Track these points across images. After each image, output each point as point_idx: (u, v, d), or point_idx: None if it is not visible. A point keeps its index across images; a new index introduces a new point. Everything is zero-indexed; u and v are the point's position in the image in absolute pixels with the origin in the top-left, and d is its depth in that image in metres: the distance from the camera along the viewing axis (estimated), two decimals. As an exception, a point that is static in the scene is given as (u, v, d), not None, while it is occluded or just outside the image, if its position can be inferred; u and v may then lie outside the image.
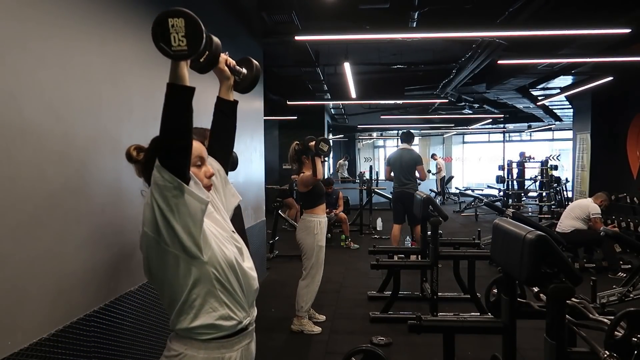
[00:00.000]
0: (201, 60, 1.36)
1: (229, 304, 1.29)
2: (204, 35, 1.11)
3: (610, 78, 6.70)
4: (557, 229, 5.68)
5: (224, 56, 1.46)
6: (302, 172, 3.75)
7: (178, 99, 1.14)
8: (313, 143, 3.59)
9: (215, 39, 1.36)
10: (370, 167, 10.30)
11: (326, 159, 3.56)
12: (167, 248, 1.19)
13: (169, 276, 1.24)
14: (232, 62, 1.51)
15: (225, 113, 1.55)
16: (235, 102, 1.57)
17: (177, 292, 1.25)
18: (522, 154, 12.20)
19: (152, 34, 1.07)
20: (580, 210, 5.54)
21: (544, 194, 10.19)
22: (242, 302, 1.33)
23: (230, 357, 1.30)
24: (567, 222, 5.57)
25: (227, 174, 1.56)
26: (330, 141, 3.70)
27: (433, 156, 15.67)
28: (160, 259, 1.22)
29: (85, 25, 1.94)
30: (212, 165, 1.47)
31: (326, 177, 8.01)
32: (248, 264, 1.40)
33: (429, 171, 15.20)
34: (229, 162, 1.61)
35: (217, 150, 1.53)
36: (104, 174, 2.05)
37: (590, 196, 7.76)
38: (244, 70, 1.56)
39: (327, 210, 4.34)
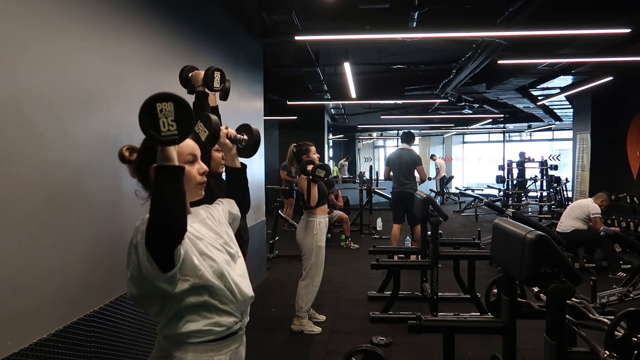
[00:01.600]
0: (203, 140, 1.39)
1: (218, 311, 1.28)
2: (193, 119, 1.08)
3: (610, 78, 6.70)
4: (557, 229, 5.68)
5: (224, 130, 1.51)
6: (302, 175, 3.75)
7: (169, 181, 1.08)
8: (311, 168, 3.57)
9: (214, 117, 1.39)
10: (370, 167, 10.30)
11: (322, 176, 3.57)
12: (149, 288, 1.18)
13: (153, 299, 1.23)
14: (233, 132, 1.56)
15: (236, 180, 1.62)
16: (244, 167, 1.63)
17: (161, 307, 1.24)
18: (522, 154, 12.21)
19: (139, 120, 1.02)
20: (581, 210, 5.54)
21: (544, 193, 10.20)
22: (233, 310, 1.32)
23: None
24: (567, 222, 5.57)
25: (242, 215, 1.62)
26: (328, 167, 3.71)
27: (432, 157, 15.66)
28: (144, 290, 1.20)
29: (86, 26, 1.94)
30: (233, 207, 1.56)
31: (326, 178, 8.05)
32: (240, 272, 1.38)
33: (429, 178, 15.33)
34: (245, 215, 1.68)
35: (237, 207, 1.60)
36: (104, 174, 2.05)
37: (590, 196, 7.78)
38: (245, 137, 1.60)
39: (328, 210, 4.34)
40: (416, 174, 5.87)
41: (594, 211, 5.44)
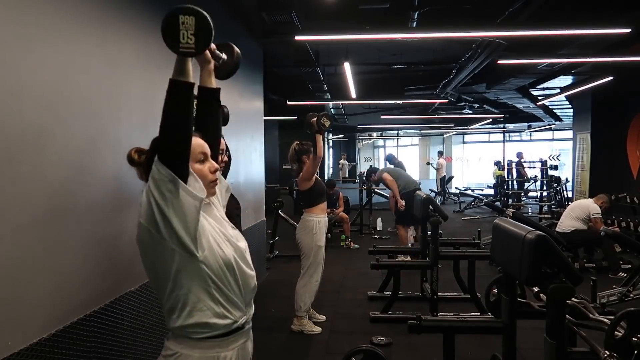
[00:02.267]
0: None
1: (224, 303, 1.29)
2: (213, 35, 1.13)
3: (610, 78, 6.70)
4: (557, 229, 5.68)
5: None
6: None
7: (180, 94, 1.16)
8: (315, 119, 3.51)
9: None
10: (370, 167, 10.30)
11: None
12: (164, 242, 1.19)
13: (164, 271, 1.24)
14: (213, 45, 1.43)
15: (210, 101, 1.47)
16: (218, 89, 1.49)
17: (171, 288, 1.25)
18: (519, 154, 12.22)
19: (161, 28, 1.09)
20: (581, 210, 5.54)
21: (544, 194, 10.20)
22: (238, 300, 1.32)
23: (226, 356, 1.30)
24: (568, 222, 5.57)
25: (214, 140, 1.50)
26: (330, 116, 3.60)
27: (440, 153, 15.75)
28: (156, 252, 1.22)
29: (86, 26, 1.94)
30: (228, 190, 1.53)
31: (327, 179, 8.02)
32: (246, 262, 1.39)
33: (428, 163, 15.49)
34: (218, 148, 1.53)
35: (206, 140, 1.43)
36: (104, 174, 2.05)
37: (590, 196, 7.78)
38: (224, 56, 1.50)
39: (328, 210, 4.33)
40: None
41: (595, 211, 5.44)
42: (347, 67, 6.21)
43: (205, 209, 1.36)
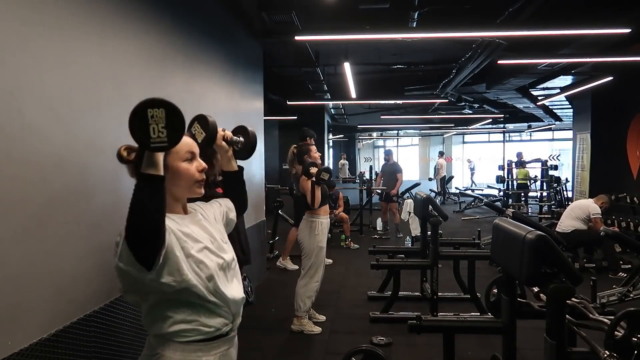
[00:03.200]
0: (199, 142, 1.38)
1: (208, 314, 1.28)
2: (185, 126, 1.08)
3: (610, 78, 6.70)
4: (557, 229, 5.68)
5: (220, 132, 1.48)
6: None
7: (151, 189, 1.10)
8: (314, 170, 3.55)
9: (211, 119, 1.37)
10: (370, 167, 10.29)
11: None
12: (144, 279, 1.17)
13: (144, 294, 1.23)
14: (229, 134, 1.53)
15: (234, 183, 1.60)
16: (241, 170, 1.60)
17: (152, 305, 1.24)
18: (519, 154, 12.21)
19: (129, 124, 1.02)
20: (581, 210, 5.54)
21: (544, 194, 10.19)
22: (223, 312, 1.31)
23: None
24: (568, 222, 5.57)
25: (237, 216, 1.61)
26: (331, 169, 3.68)
27: (440, 153, 15.78)
28: (136, 283, 1.20)
29: (86, 26, 1.94)
30: (231, 212, 1.55)
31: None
32: (232, 273, 1.38)
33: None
34: (243, 212, 1.67)
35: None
36: (104, 174, 2.05)
37: (590, 196, 7.78)
38: (241, 139, 1.57)
39: (330, 212, 4.34)
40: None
41: (595, 211, 5.44)
42: (347, 67, 6.21)
43: (191, 219, 1.36)
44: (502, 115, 12.17)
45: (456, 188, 15.45)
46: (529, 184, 11.26)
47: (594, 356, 1.83)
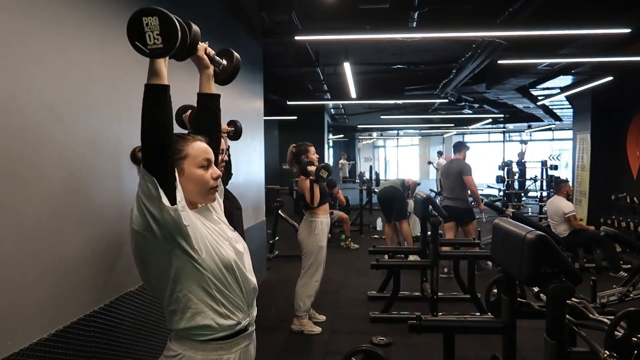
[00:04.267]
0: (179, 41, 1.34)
1: (225, 304, 1.29)
2: (179, 32, 1.11)
3: (610, 78, 6.69)
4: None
5: (202, 45, 1.42)
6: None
7: (157, 98, 1.15)
8: (313, 168, 3.55)
9: (195, 27, 1.32)
10: (370, 167, 10.29)
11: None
12: (160, 245, 1.18)
13: (163, 274, 1.23)
14: (212, 51, 1.47)
15: (210, 108, 1.51)
16: (218, 96, 1.53)
17: (171, 291, 1.25)
18: (520, 154, 12.21)
19: (127, 33, 1.07)
20: (556, 215, 5.53)
21: (544, 194, 10.19)
22: (240, 302, 1.33)
23: (229, 359, 1.30)
24: (560, 228, 5.56)
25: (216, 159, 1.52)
26: (330, 167, 3.65)
27: (440, 153, 15.75)
28: (154, 256, 1.21)
29: (86, 25, 1.94)
30: (221, 195, 1.51)
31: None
32: (246, 264, 1.39)
33: (430, 162, 15.63)
34: (219, 151, 1.56)
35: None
36: (104, 173, 2.05)
37: (590, 197, 7.79)
38: (224, 61, 1.52)
39: (330, 212, 4.34)
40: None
41: (567, 209, 5.42)
42: (347, 67, 6.21)
43: (203, 212, 1.37)
44: (502, 115, 12.17)
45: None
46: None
47: (594, 356, 1.83)
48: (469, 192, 5.48)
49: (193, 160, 1.30)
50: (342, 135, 17.15)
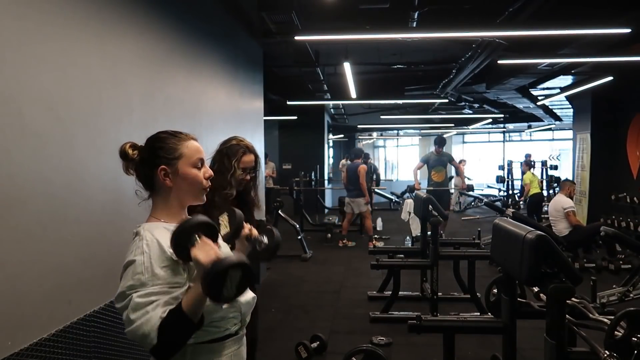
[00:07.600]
0: (222, 235, 1.38)
1: (217, 317, 1.27)
2: (252, 282, 1.13)
3: (610, 78, 6.69)
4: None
5: (246, 230, 1.45)
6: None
7: (183, 332, 1.14)
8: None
9: (238, 212, 1.36)
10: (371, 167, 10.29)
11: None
12: None
13: None
14: (255, 233, 1.47)
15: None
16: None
17: None
18: (528, 156, 12.18)
19: (208, 281, 1.05)
20: (556, 211, 5.55)
21: (544, 194, 10.17)
22: (232, 318, 1.31)
23: None
24: (560, 225, 5.57)
25: None
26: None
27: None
28: None
29: (86, 25, 1.94)
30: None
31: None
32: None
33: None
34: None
35: None
36: (104, 174, 2.05)
37: (590, 197, 7.79)
38: (265, 241, 1.51)
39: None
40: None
41: (566, 205, 5.45)
42: (347, 67, 6.21)
43: None
44: (502, 115, 12.16)
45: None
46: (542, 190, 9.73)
47: (594, 356, 1.83)
48: None
49: (188, 159, 1.29)
50: (342, 135, 17.12)
